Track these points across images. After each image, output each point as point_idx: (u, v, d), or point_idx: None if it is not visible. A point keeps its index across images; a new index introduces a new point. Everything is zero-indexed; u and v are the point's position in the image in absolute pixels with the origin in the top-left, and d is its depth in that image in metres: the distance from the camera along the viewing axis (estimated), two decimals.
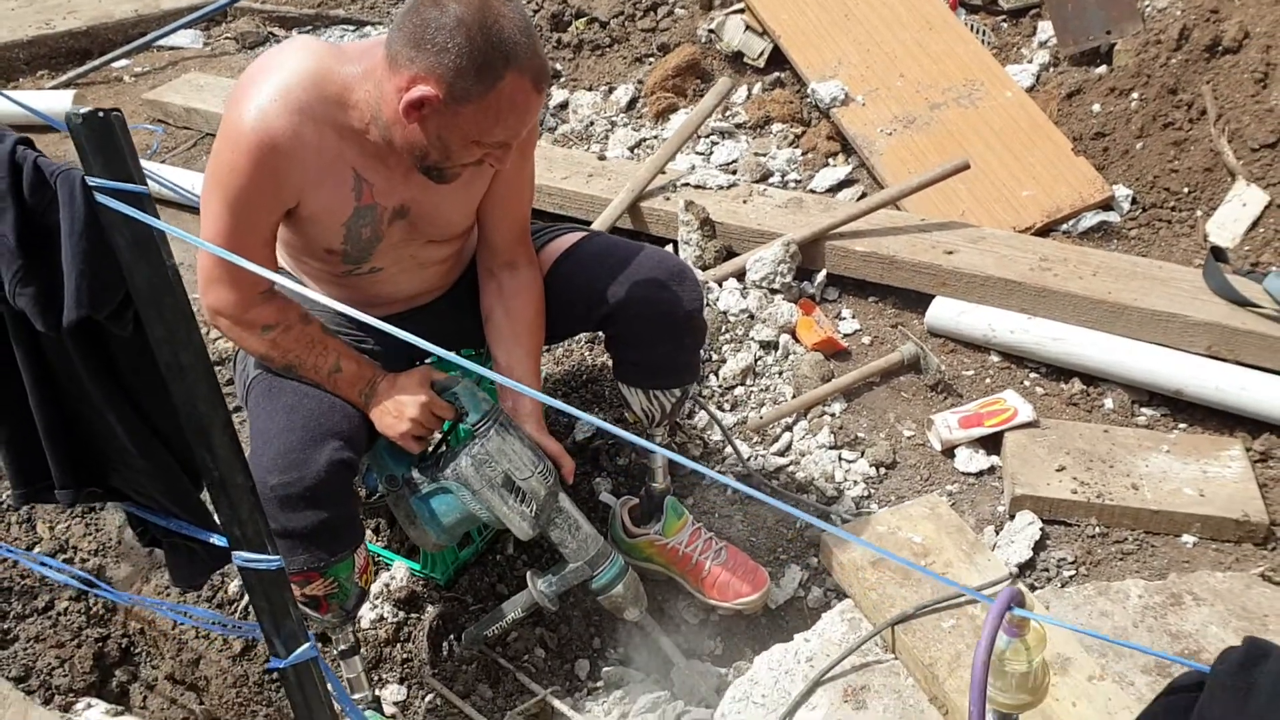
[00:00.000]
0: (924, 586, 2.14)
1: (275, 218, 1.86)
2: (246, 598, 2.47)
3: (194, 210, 2.00)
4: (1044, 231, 3.16)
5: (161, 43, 4.99)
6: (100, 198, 1.12)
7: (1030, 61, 3.73)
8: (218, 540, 1.44)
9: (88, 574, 2.61)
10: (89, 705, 2.29)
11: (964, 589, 1.32)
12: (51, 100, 4.36)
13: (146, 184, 1.13)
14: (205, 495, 1.43)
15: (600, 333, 2.20)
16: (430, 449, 2.14)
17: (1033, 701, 0.93)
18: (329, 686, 1.54)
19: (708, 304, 3.01)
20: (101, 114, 1.10)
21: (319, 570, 1.94)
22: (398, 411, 1.98)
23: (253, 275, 1.87)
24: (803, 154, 3.70)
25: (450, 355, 1.21)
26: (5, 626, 2.47)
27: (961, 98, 3.48)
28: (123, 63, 4.93)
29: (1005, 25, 3.95)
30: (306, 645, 1.49)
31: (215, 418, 1.30)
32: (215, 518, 1.44)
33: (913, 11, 3.75)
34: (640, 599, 2.21)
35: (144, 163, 3.55)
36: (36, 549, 2.65)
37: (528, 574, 2.19)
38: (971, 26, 3.86)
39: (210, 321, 1.94)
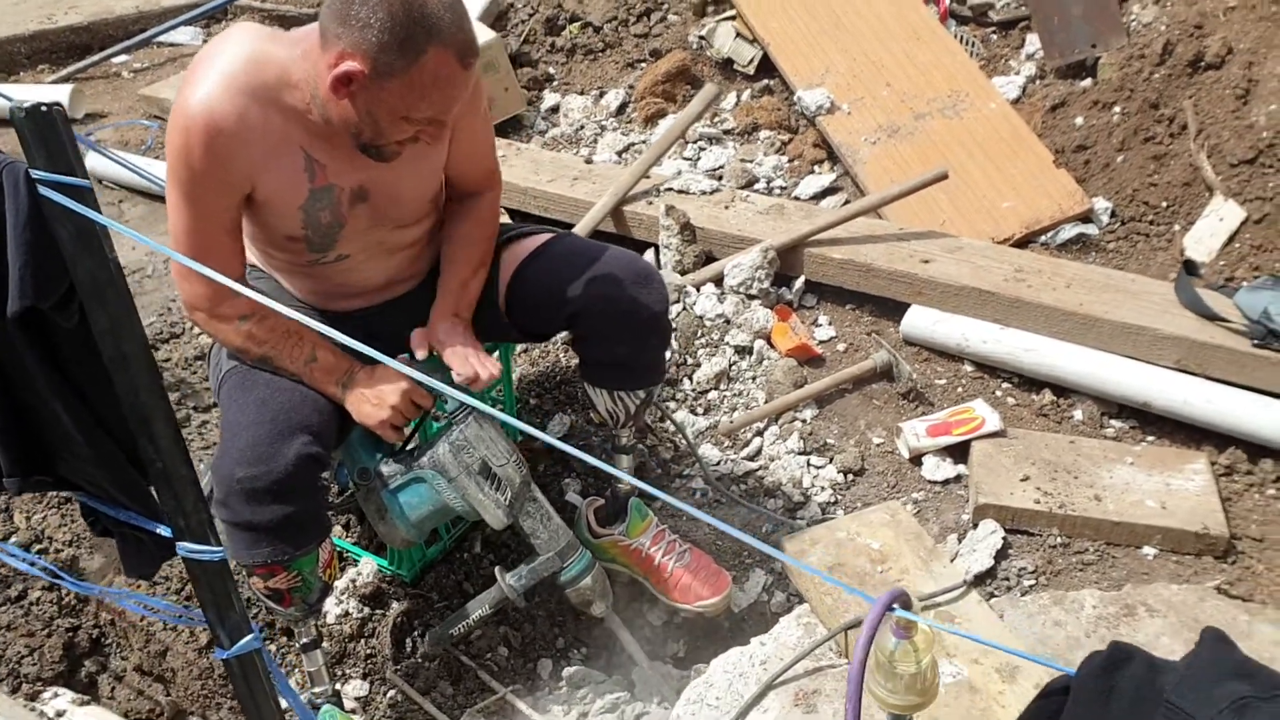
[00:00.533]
0: (878, 592, 2.16)
1: (231, 203, 1.88)
2: None
3: None
4: (1023, 243, 3.18)
5: (161, 39, 5.03)
6: (43, 190, 1.15)
7: (1017, 73, 3.75)
8: (164, 531, 1.46)
9: (61, 565, 2.64)
10: (55, 694, 2.32)
11: (852, 589, 1.32)
12: (48, 94, 4.40)
13: (88, 178, 1.15)
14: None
15: (568, 332, 2.22)
16: (402, 444, 2.16)
17: (922, 703, 0.95)
18: (272, 679, 1.56)
19: (684, 308, 3.03)
20: (44, 108, 1.12)
21: (283, 564, 1.96)
22: (378, 399, 1.99)
23: (222, 264, 1.90)
24: (789, 161, 3.72)
25: (394, 361, 1.23)
26: None
27: (946, 108, 3.50)
28: (122, 58, 4.97)
29: (995, 37, 3.96)
30: (250, 637, 1.52)
31: (158, 409, 1.32)
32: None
33: (901, 22, 3.77)
34: (607, 594, 2.26)
35: (135, 158, 3.56)
36: (13, 539, 2.68)
37: (496, 569, 2.22)
38: (961, 38, 3.88)
39: (187, 315, 1.97)
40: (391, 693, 2.34)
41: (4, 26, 5.01)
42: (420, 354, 2.07)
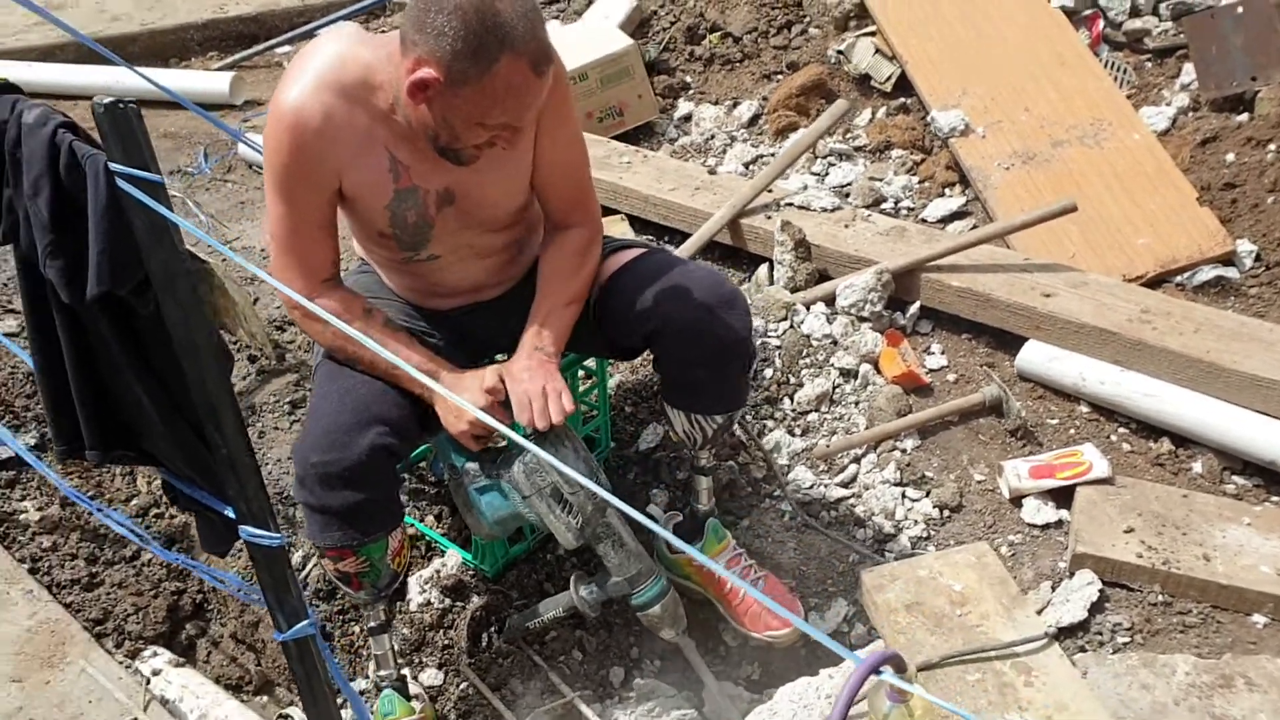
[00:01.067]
0: (955, 636, 2.09)
1: (321, 199, 1.93)
2: (308, 567, 2.59)
3: None
4: (1155, 282, 3.03)
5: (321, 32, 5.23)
6: (120, 183, 1.20)
7: (1169, 104, 3.58)
8: (230, 513, 1.52)
9: (173, 531, 2.77)
10: (155, 654, 2.43)
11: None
12: (210, 81, 4.64)
13: (161, 174, 1.21)
14: None
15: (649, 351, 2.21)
16: (493, 443, 2.17)
17: None
18: (326, 664, 1.61)
19: (791, 326, 2.99)
20: (122, 105, 1.18)
21: (351, 549, 2.02)
22: (458, 410, 2.03)
23: (316, 263, 1.97)
24: (919, 182, 3.64)
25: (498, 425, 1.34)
26: (94, 571, 2.63)
27: (1086, 136, 3.36)
28: (284, 49, 5.19)
29: (1149, 65, 3.79)
30: (305, 622, 1.56)
31: (224, 398, 1.37)
32: None
33: (1047, 46, 3.64)
34: (679, 621, 2.22)
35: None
36: (134, 501, 2.83)
37: (572, 577, 2.24)
38: (1112, 64, 3.73)
39: (288, 312, 2.05)
40: (463, 685, 2.38)
41: (180, 14, 5.30)
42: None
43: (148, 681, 2.30)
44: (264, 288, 3.48)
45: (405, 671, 2.29)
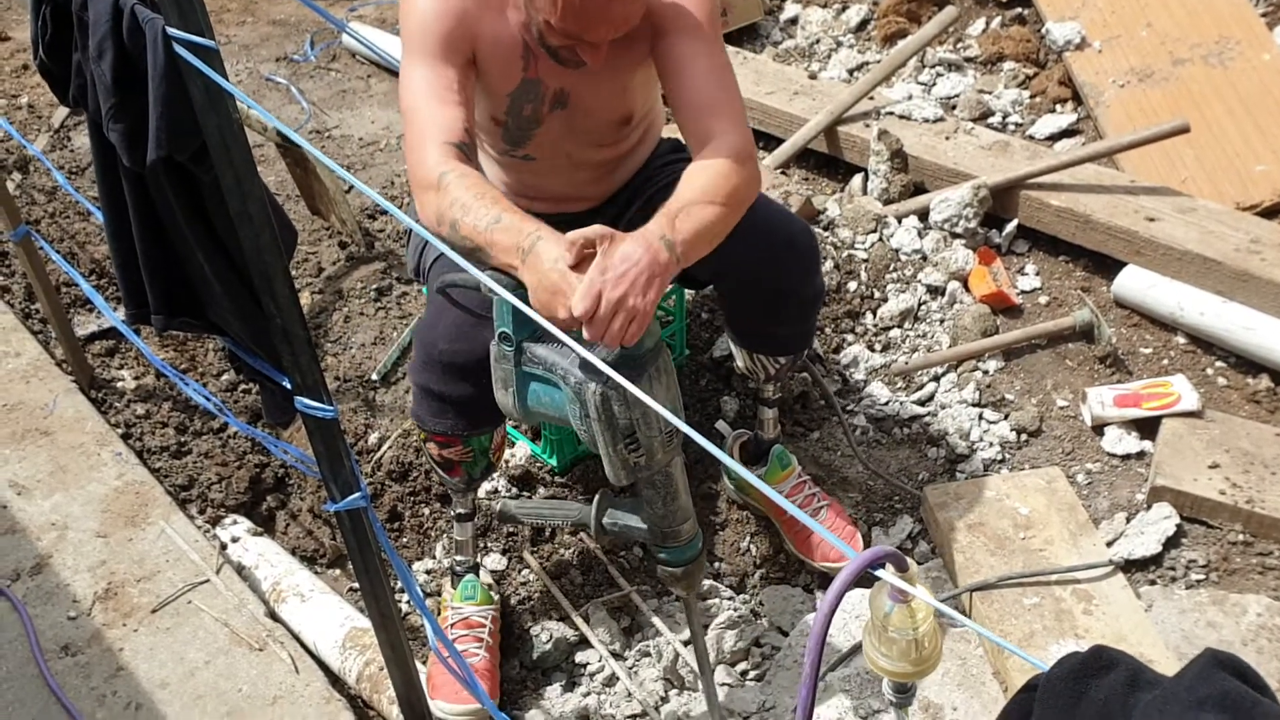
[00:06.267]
0: (1016, 559, 2.05)
1: (460, 59, 1.84)
2: (383, 448, 2.65)
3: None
4: (1270, 213, 2.87)
5: None
6: (176, 48, 1.21)
7: None
8: (288, 383, 1.55)
9: (259, 406, 2.86)
10: (235, 522, 2.53)
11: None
12: None
13: (215, 40, 1.21)
14: None
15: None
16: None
17: (917, 672, 0.89)
18: (377, 536, 1.65)
19: (880, 239, 2.92)
20: None
21: (461, 438, 2.05)
22: (553, 284, 1.59)
23: (446, 121, 1.80)
24: (1030, 97, 3.49)
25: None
26: (182, 440, 2.74)
27: (1210, 55, 3.17)
28: None
29: None
30: (357, 495, 1.60)
31: (277, 267, 1.39)
32: None
33: None
34: (696, 585, 1.94)
35: (381, 36, 3.68)
36: (224, 376, 2.92)
37: (601, 493, 1.88)
38: None
39: (415, 198, 1.82)
40: (525, 571, 2.42)
41: None
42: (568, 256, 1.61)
43: (223, 547, 2.39)
44: (357, 177, 3.52)
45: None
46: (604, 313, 1.53)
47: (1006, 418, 2.58)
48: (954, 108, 3.47)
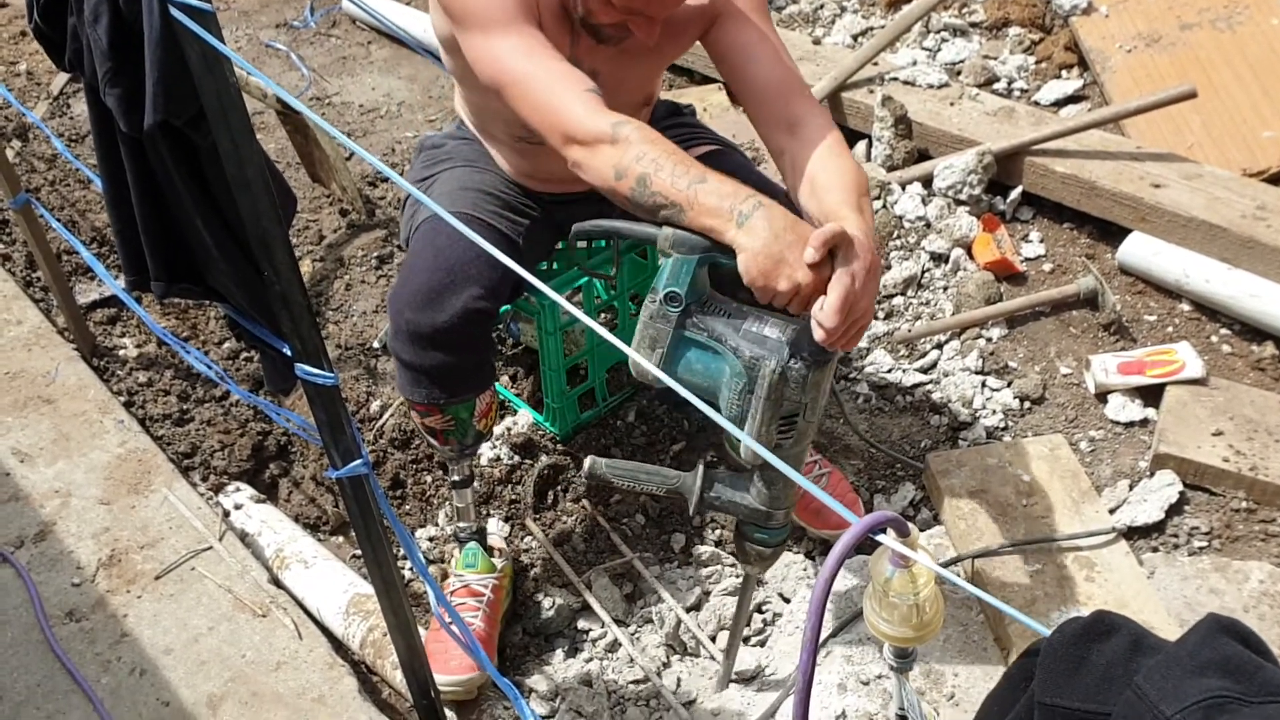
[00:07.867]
0: (1018, 526, 2.05)
1: (536, 24, 1.75)
2: (385, 416, 2.65)
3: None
4: (1278, 178, 2.85)
5: None
6: (172, 11, 1.20)
7: None
8: (287, 350, 1.54)
9: (261, 375, 2.86)
10: (238, 489, 2.53)
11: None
12: None
13: (212, 4, 1.19)
14: None
15: None
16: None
17: (916, 638, 0.89)
18: (379, 503, 1.65)
19: (884, 205, 2.90)
20: None
21: (438, 407, 2.03)
22: (778, 255, 1.49)
23: (573, 72, 1.71)
24: (1036, 62, 3.46)
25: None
26: (185, 408, 2.74)
27: (1218, 20, 3.14)
28: None
29: None
30: (358, 461, 1.59)
31: (276, 233, 1.38)
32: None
33: None
34: (769, 566, 1.92)
35: (384, 4, 3.65)
36: (225, 344, 2.92)
37: (702, 465, 1.78)
38: None
39: (565, 155, 1.70)
40: (528, 539, 2.43)
41: None
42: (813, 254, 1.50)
43: (226, 514, 2.39)
44: (358, 143, 3.50)
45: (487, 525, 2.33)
46: (850, 323, 1.49)
47: (1010, 385, 2.57)
48: (959, 73, 3.44)
